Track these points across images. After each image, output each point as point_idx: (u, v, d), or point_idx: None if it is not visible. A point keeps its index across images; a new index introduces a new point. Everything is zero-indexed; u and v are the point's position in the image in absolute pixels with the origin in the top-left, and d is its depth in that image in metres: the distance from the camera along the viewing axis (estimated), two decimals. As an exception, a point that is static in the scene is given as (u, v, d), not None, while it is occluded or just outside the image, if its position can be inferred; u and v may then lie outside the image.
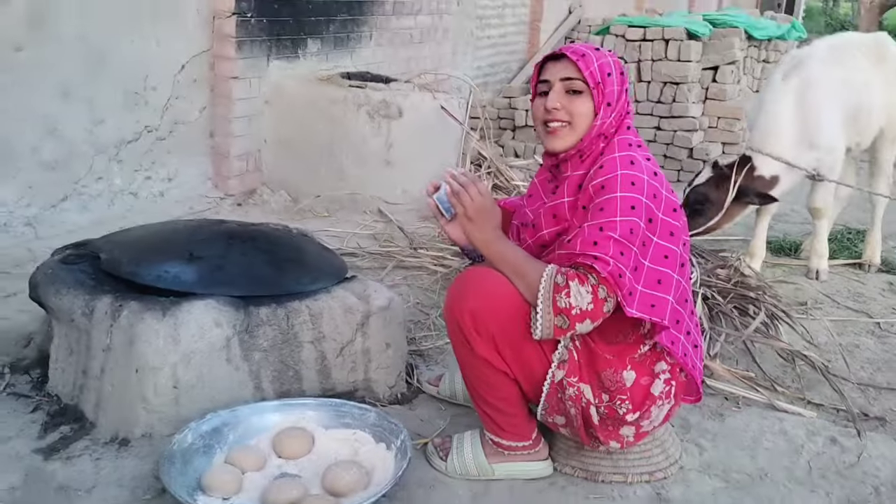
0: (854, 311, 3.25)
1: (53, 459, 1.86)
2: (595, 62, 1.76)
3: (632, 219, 1.66)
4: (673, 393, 1.83)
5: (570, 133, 1.79)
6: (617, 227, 1.65)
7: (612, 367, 1.76)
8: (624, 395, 1.77)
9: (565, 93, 1.78)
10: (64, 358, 2.10)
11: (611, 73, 1.78)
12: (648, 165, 1.75)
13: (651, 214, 1.69)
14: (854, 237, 4.21)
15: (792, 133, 3.34)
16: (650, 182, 1.70)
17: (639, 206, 1.67)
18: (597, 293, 1.65)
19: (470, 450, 1.92)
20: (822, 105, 3.33)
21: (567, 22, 7.66)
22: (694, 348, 1.84)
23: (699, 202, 3.37)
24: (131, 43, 3.51)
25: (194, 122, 3.93)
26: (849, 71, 3.44)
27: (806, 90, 3.33)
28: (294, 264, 2.23)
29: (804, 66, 3.39)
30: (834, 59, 3.45)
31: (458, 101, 4.46)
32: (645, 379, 1.78)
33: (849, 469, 2.07)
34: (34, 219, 3.27)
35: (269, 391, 2.07)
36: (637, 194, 1.67)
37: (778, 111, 3.35)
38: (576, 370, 1.77)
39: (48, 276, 2.14)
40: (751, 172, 3.33)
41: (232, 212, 3.97)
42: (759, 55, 6.81)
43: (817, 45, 3.56)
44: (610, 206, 1.67)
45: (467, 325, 1.75)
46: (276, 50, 4.17)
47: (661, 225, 1.71)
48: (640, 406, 1.78)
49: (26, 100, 3.15)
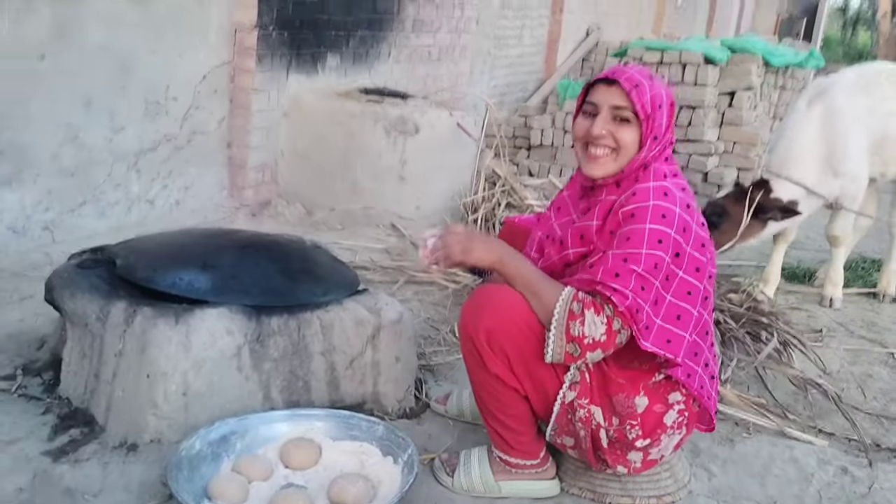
0: (868, 341, 3.22)
1: (62, 462, 1.87)
2: (648, 93, 1.72)
3: (658, 253, 1.63)
4: (685, 423, 1.81)
5: (612, 162, 1.76)
6: (641, 260, 1.62)
7: (625, 391, 1.75)
8: (634, 421, 1.75)
9: (612, 119, 1.75)
10: (76, 361, 2.11)
11: (661, 104, 1.74)
12: (682, 197, 1.72)
13: (679, 249, 1.66)
14: (869, 266, 4.18)
15: (814, 159, 3.31)
16: (682, 215, 1.68)
17: (666, 241, 1.64)
18: (611, 325, 1.64)
19: (477, 466, 1.91)
20: (847, 133, 3.30)
21: (585, 44, 7.70)
22: (711, 379, 1.82)
23: (716, 214, 3.34)
24: (154, 53, 3.56)
25: (213, 132, 3.97)
26: (875, 100, 3.42)
27: (831, 118, 3.31)
28: (307, 275, 2.24)
29: (829, 94, 3.37)
30: (860, 87, 3.43)
31: (475, 119, 4.48)
32: (658, 407, 1.76)
33: (859, 500, 2.05)
34: (52, 223, 3.31)
35: (278, 401, 2.07)
36: (667, 228, 1.65)
37: (799, 136, 3.33)
38: (587, 392, 1.75)
39: (64, 280, 2.16)
40: (766, 195, 3.32)
41: (247, 222, 4.00)
42: (777, 82, 6.80)
43: (844, 74, 3.55)
44: (637, 237, 1.64)
45: (481, 341, 1.74)
46: (295, 64, 4.21)
47: (689, 260, 1.68)
48: (650, 433, 1.76)
49: (49, 107, 3.19)
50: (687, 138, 5.74)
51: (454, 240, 1.74)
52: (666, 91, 1.78)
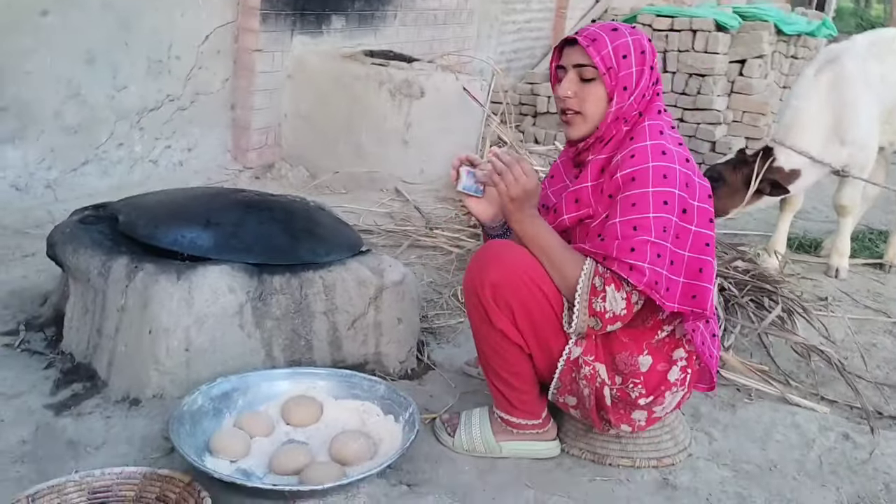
0: (873, 311, 3.21)
1: (64, 415, 1.88)
2: (609, 45, 1.69)
3: (664, 215, 1.63)
4: (688, 381, 1.81)
5: (582, 122, 1.75)
6: (651, 226, 1.62)
7: (628, 350, 1.75)
8: (637, 380, 1.75)
9: (579, 80, 1.73)
10: (79, 317, 2.11)
11: (627, 54, 1.70)
12: (680, 152, 1.70)
13: (685, 205, 1.65)
14: (876, 237, 4.15)
15: (820, 128, 3.27)
16: (682, 171, 1.66)
17: (672, 201, 1.63)
18: (630, 299, 1.66)
19: (478, 426, 1.91)
20: (857, 101, 3.26)
21: (594, 10, 7.58)
22: (712, 337, 1.82)
23: (713, 179, 3.28)
24: (156, 11, 3.51)
25: (216, 93, 3.93)
26: (888, 67, 3.36)
27: (840, 85, 3.25)
28: (309, 235, 2.23)
29: (839, 61, 3.31)
30: (872, 54, 3.37)
31: (481, 84, 4.43)
32: (662, 365, 1.76)
33: (860, 465, 2.05)
34: (54, 182, 3.29)
35: (280, 359, 2.07)
36: (670, 188, 1.63)
37: (805, 105, 3.29)
38: (592, 349, 1.75)
39: (66, 235, 2.16)
40: (771, 164, 3.28)
41: (250, 184, 3.98)
42: (788, 50, 6.70)
43: (856, 40, 3.48)
44: (643, 203, 1.63)
45: (486, 296, 1.73)
46: (300, 25, 4.15)
47: (699, 213, 1.67)
48: (653, 391, 1.77)
49: (50, 64, 3.16)
50: (695, 107, 5.67)
51: (514, 183, 1.67)
52: (634, 39, 1.72)
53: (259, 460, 1.74)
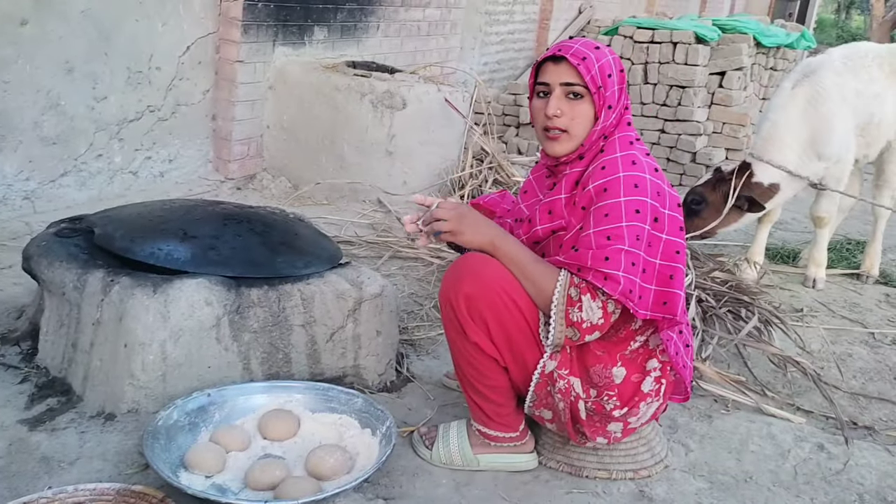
0: (849, 321, 3.25)
1: (38, 431, 1.86)
2: (596, 65, 1.73)
3: (637, 224, 1.65)
4: (662, 391, 1.83)
5: (568, 139, 1.77)
6: (624, 235, 1.63)
7: (602, 362, 1.76)
8: (612, 392, 1.76)
9: (565, 97, 1.75)
10: (54, 330, 2.10)
11: (611, 73, 1.75)
12: (649, 162, 1.74)
13: (657, 213, 1.68)
14: (853, 248, 4.20)
15: (797, 142, 3.30)
16: (652, 180, 1.69)
17: (643, 209, 1.66)
18: (606, 308, 1.67)
19: (456, 439, 1.92)
20: (834, 115, 3.29)
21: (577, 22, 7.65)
22: (685, 347, 1.84)
23: (696, 202, 3.35)
24: (136, 22, 3.50)
25: (197, 104, 3.92)
26: (862, 82, 3.40)
27: (816, 99, 3.29)
28: (288, 248, 2.22)
29: (816, 75, 3.35)
30: (848, 68, 3.41)
31: (463, 95, 4.44)
32: (636, 376, 1.78)
33: (834, 476, 2.07)
34: (33, 193, 3.27)
35: (257, 373, 2.06)
36: (641, 196, 1.66)
37: (782, 119, 3.32)
38: (567, 363, 1.76)
39: (41, 249, 2.14)
40: (749, 179, 3.31)
41: (231, 195, 3.97)
42: (767, 62, 6.79)
43: (831, 54, 3.51)
44: (615, 212, 1.65)
45: (461, 308, 1.74)
46: (282, 36, 4.16)
47: (669, 221, 1.70)
48: (628, 402, 1.78)
49: (29, 74, 3.14)
50: (676, 118, 5.73)
51: (446, 215, 1.72)
52: (614, 58, 1.78)
53: (235, 475, 1.73)
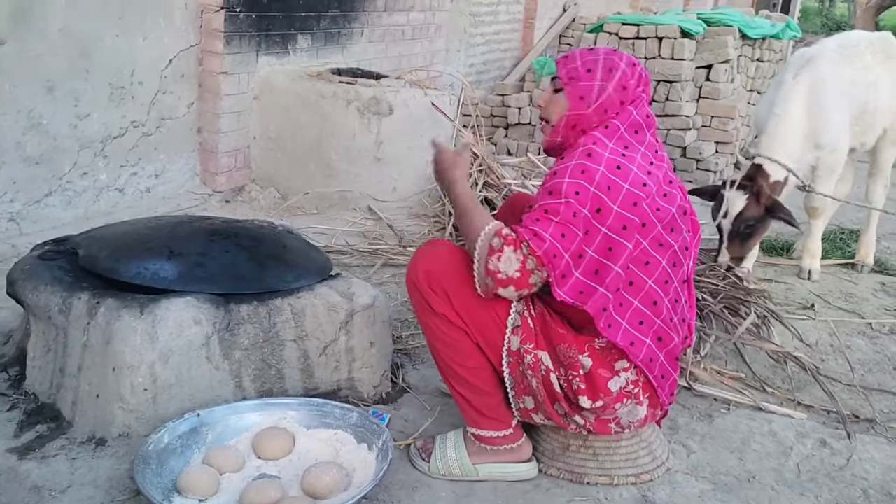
0: (846, 312, 3.23)
1: (28, 459, 1.82)
2: (578, 61, 1.83)
3: (573, 203, 1.69)
4: (642, 395, 1.80)
5: (548, 127, 1.88)
6: (560, 209, 1.69)
7: (567, 342, 1.78)
8: (576, 373, 1.76)
9: (552, 91, 1.88)
10: (41, 356, 2.06)
11: (591, 69, 1.82)
12: (612, 160, 1.73)
13: (600, 204, 1.70)
14: (847, 237, 4.18)
15: (802, 133, 3.24)
16: (605, 173, 1.71)
17: (584, 193, 1.70)
18: (525, 264, 1.69)
19: (453, 450, 1.89)
20: (832, 104, 3.26)
21: (562, 20, 7.62)
22: (674, 360, 1.81)
23: (749, 226, 3.16)
24: (116, 37, 3.46)
25: (182, 117, 3.88)
26: (857, 70, 3.38)
27: (816, 88, 3.25)
28: (277, 261, 2.19)
29: (813, 65, 3.30)
30: (843, 57, 3.38)
31: (450, 98, 4.41)
32: (604, 372, 1.77)
33: (838, 472, 2.04)
34: (18, 214, 3.22)
35: (250, 390, 2.03)
36: (585, 182, 1.70)
37: (790, 114, 3.23)
38: (531, 337, 1.78)
39: (26, 273, 2.10)
40: (766, 180, 3.18)
41: (220, 209, 3.93)
42: (754, 54, 6.77)
43: (826, 44, 3.48)
44: (557, 190, 1.72)
45: (422, 283, 1.81)
46: (265, 45, 4.12)
47: (615, 217, 1.71)
48: (595, 396, 1.76)
49: (10, 94, 3.09)
50: (664, 113, 5.71)
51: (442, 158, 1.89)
52: (607, 58, 1.83)
53: (229, 497, 1.70)
